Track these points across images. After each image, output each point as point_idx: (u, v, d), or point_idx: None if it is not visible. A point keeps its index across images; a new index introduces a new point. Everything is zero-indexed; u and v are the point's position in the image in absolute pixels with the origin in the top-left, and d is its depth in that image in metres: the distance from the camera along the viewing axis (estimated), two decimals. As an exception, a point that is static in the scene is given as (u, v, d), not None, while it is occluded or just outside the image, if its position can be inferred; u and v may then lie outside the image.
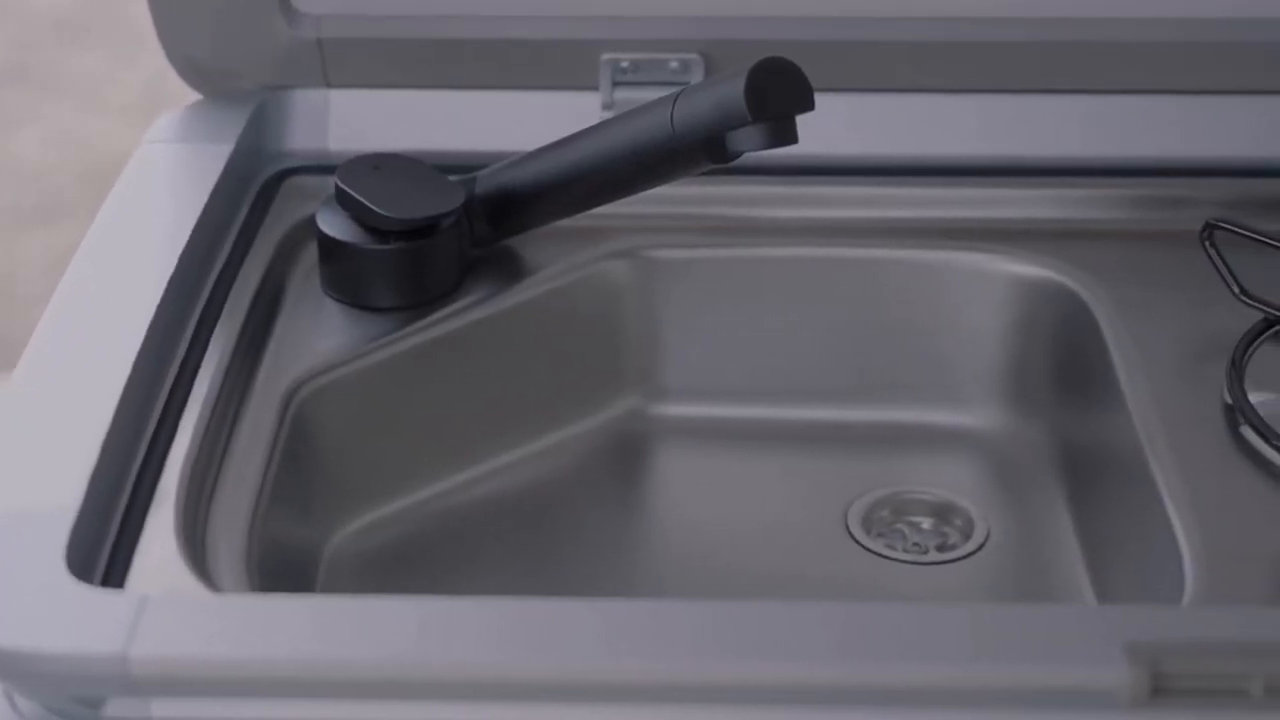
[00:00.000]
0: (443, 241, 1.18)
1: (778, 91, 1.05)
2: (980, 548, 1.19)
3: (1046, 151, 1.27)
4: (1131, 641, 0.81)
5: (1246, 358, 1.12)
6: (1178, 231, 1.21)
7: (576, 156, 1.15)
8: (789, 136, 1.06)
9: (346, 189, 1.16)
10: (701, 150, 1.08)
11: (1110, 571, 1.11)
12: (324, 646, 0.88)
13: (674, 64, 1.26)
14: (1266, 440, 1.05)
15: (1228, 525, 1.00)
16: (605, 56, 1.27)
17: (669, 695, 0.87)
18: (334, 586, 1.13)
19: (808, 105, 1.06)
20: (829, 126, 1.27)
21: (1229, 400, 1.09)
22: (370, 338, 1.16)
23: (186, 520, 0.98)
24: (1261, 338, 1.14)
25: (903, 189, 1.26)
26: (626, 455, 1.26)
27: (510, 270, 1.23)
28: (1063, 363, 1.21)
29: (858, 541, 1.19)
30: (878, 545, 1.19)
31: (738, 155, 1.09)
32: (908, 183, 1.26)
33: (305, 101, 1.29)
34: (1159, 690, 0.82)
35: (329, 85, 1.29)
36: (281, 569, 1.07)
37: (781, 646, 0.87)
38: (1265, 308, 1.14)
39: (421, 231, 1.17)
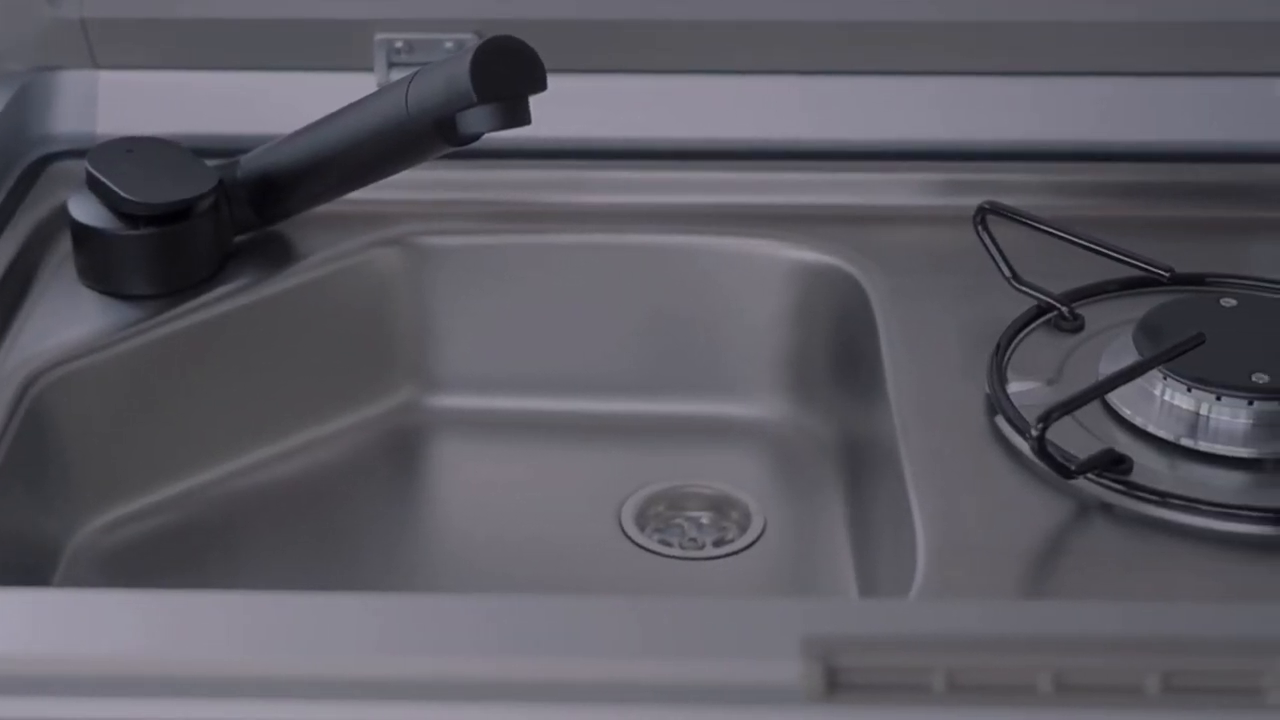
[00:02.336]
0: (198, 227, 1.18)
1: (507, 72, 1.05)
2: (756, 541, 1.19)
3: (828, 135, 1.27)
4: (807, 636, 0.81)
5: (1013, 346, 1.12)
6: (961, 217, 1.20)
7: (325, 140, 1.14)
8: (521, 117, 1.05)
9: (96, 174, 1.15)
10: (435, 132, 1.07)
11: (873, 564, 1.11)
12: (34, 641, 0.86)
13: (449, 44, 1.26)
14: (1018, 431, 1.04)
15: (968, 517, 1.00)
16: (379, 36, 1.26)
17: (419, 691, 0.85)
18: (75, 581, 1.12)
19: (539, 86, 1.05)
20: (612, 109, 1.28)
21: (988, 389, 1.08)
22: (121, 326, 1.16)
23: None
24: (1032, 325, 1.14)
25: (684, 173, 1.26)
26: (400, 448, 1.25)
27: (275, 257, 1.22)
28: (842, 351, 1.21)
29: (629, 537, 1.18)
30: (651, 541, 1.19)
31: (472, 138, 1.08)
32: (688, 167, 1.26)
33: (73, 83, 1.28)
34: (837, 685, 0.81)
35: (97, 66, 1.28)
36: (13, 563, 1.06)
37: (479, 641, 0.86)
38: (1037, 294, 1.14)
39: (174, 216, 1.17)
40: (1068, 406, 1.00)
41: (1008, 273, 1.15)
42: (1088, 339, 1.12)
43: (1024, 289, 1.14)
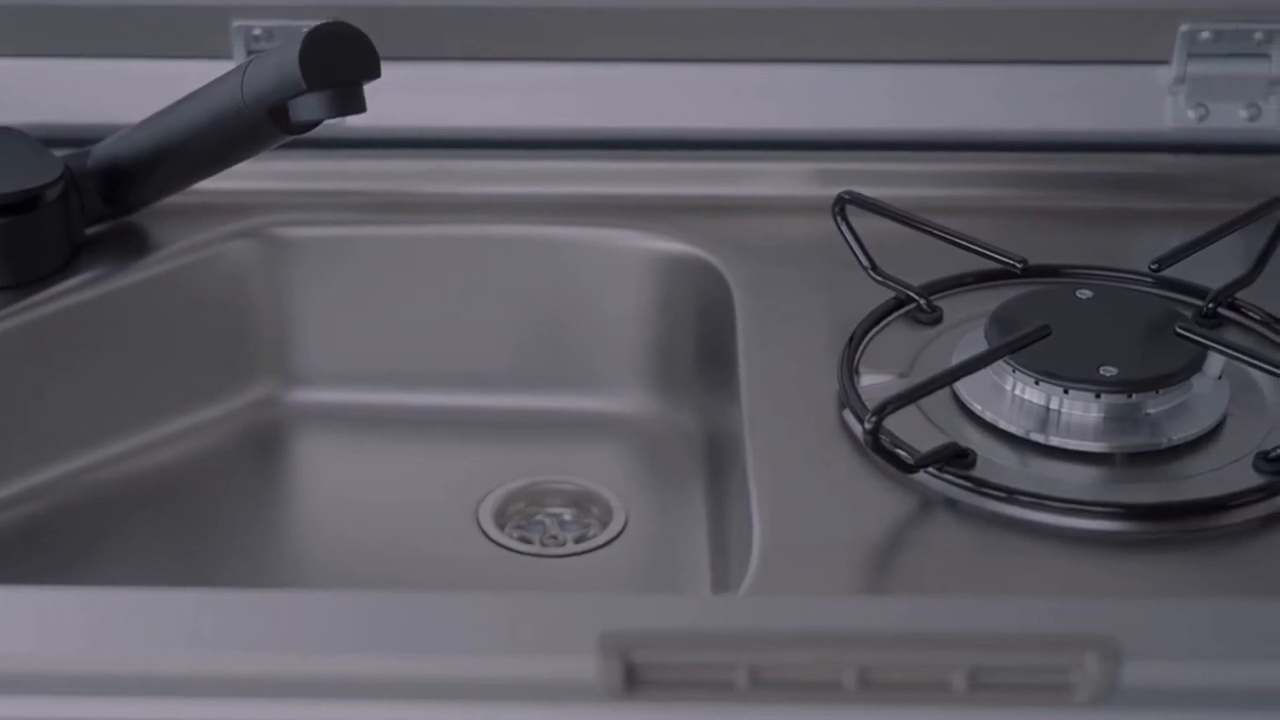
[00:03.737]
0: (46, 217, 1.17)
1: (338, 58, 1.04)
2: (616, 537, 1.18)
3: (692, 124, 1.27)
4: (606, 632, 0.80)
5: (869, 338, 1.12)
6: (825, 207, 1.20)
7: (169, 128, 1.14)
8: (354, 105, 1.05)
9: (-64, 164, 1.15)
10: (271, 120, 1.07)
11: (726, 559, 1.11)
12: None
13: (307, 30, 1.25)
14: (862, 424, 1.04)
15: (808, 512, 1.00)
16: (236, 23, 1.26)
17: (267, 688, 0.85)
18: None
19: (372, 73, 1.05)
20: (476, 98, 1.28)
21: (837, 382, 1.08)
22: (-33, 319, 1.15)
23: None
24: (890, 317, 1.13)
25: (547, 163, 1.26)
26: (260, 443, 1.25)
27: (129, 248, 1.22)
28: (706, 343, 1.21)
29: (486, 535, 1.18)
30: (509, 538, 1.18)
31: (307, 126, 1.08)
32: (552, 157, 1.26)
33: (-82, 72, 1.28)
34: (637, 681, 0.81)
35: (-56, 54, 1.28)
36: None
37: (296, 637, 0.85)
38: (895, 286, 1.14)
39: (20, 207, 1.16)
40: (902, 400, 1.00)
41: (866, 263, 1.15)
42: (945, 331, 1.12)
43: (882, 280, 1.14)
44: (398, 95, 1.26)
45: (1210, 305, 1.13)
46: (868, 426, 0.98)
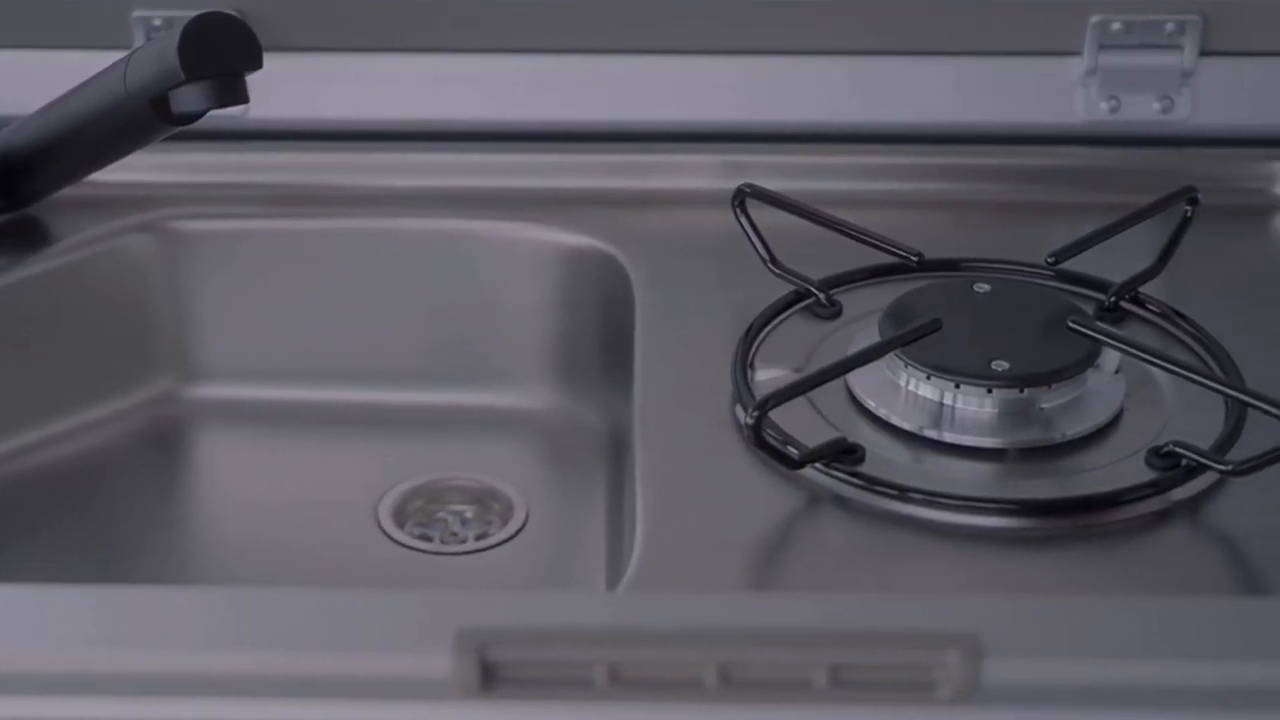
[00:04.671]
0: (-63, 210, 1.17)
1: (219, 48, 1.04)
2: (516, 534, 1.18)
3: (597, 116, 1.27)
4: (463, 629, 0.80)
5: (766, 332, 1.12)
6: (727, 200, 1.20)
7: (58, 120, 1.14)
8: (236, 96, 1.05)
9: None
10: (153, 110, 1.07)
11: (620, 555, 1.10)
12: None
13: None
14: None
15: (694, 509, 1.00)
16: (136, 13, 1.26)
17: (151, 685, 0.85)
18: None
19: (254, 64, 1.05)
20: (376, 90, 1.28)
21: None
22: None
23: None
24: (788, 311, 1.13)
25: (448, 156, 1.26)
26: (159, 439, 1.25)
27: (25, 242, 1.22)
28: (609, 337, 1.21)
29: (385, 533, 1.18)
30: (408, 536, 1.18)
31: (189, 117, 1.07)
32: (452, 149, 1.26)
33: None
34: (495, 679, 0.81)
35: None
36: None
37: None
38: (795, 280, 1.14)
39: (-90, 199, 1.16)
40: (786, 394, 1.00)
41: (765, 257, 1.15)
42: (843, 326, 1.13)
43: (782, 274, 1.14)
44: (298, 86, 1.27)
45: (1112, 299, 1.13)
46: (749, 421, 0.98)
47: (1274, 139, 1.27)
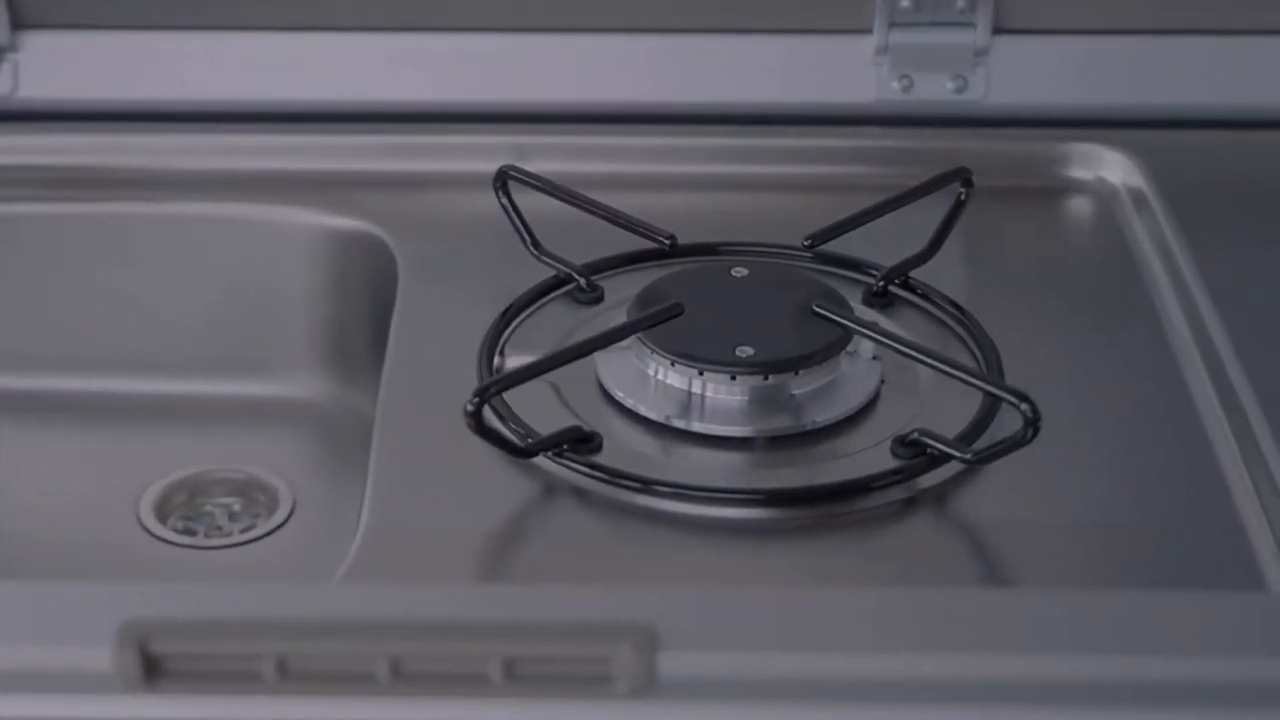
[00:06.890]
0: None
1: None
2: (280, 526, 1.19)
3: (364, 96, 1.27)
4: (126, 621, 0.80)
5: (522, 318, 1.12)
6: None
7: None
8: None
9: None
10: None
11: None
12: None
13: None
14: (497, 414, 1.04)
15: (424, 499, 1.00)
16: None
17: None
18: None
19: None
20: (153, 69, 1.27)
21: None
22: None
23: None
24: (549, 296, 1.13)
25: (218, 137, 1.26)
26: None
27: None
28: (379, 323, 1.20)
29: (145, 528, 1.18)
30: (170, 531, 1.18)
31: None
32: (224, 130, 1.26)
33: None
34: (159, 672, 0.81)
35: None
36: None
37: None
38: (557, 264, 1.14)
39: None
40: (507, 381, 1.00)
41: (528, 240, 1.15)
42: (604, 311, 1.12)
43: (544, 258, 1.14)
44: (66, 65, 1.26)
45: (881, 284, 1.13)
46: (469, 408, 0.98)
47: (1069, 119, 1.27)
